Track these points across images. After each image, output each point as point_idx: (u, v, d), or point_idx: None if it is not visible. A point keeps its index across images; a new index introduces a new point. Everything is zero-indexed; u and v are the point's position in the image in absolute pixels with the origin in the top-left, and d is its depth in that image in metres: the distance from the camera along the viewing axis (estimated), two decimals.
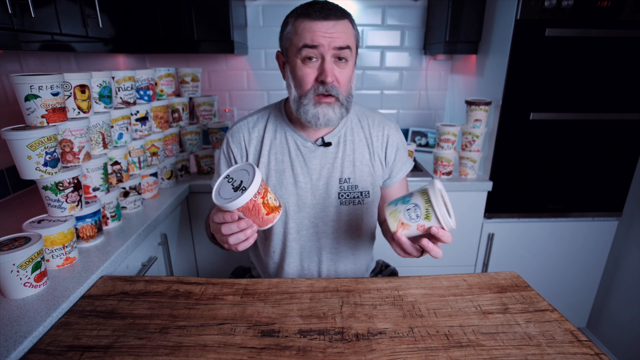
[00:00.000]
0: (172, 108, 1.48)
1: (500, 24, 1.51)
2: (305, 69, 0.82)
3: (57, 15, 1.07)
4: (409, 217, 0.70)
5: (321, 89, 0.82)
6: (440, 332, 0.67)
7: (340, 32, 0.80)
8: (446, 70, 2.09)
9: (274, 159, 0.94)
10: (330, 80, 0.81)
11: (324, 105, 0.83)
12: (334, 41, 0.80)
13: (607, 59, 1.43)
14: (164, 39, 1.62)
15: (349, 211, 0.95)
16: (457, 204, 1.61)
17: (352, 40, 0.83)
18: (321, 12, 0.80)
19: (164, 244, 1.29)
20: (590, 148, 1.55)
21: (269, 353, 0.61)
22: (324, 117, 0.84)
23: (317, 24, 0.80)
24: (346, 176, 0.94)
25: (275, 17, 1.94)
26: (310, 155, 0.93)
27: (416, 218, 0.70)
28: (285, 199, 0.94)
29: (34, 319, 0.68)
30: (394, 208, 0.72)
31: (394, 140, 0.98)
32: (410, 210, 0.70)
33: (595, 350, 0.63)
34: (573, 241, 1.68)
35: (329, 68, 0.80)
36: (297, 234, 0.97)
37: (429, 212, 0.68)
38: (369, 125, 0.97)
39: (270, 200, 0.72)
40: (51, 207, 0.89)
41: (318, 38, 0.79)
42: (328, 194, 0.94)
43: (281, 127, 0.95)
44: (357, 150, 0.95)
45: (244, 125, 0.97)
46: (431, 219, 0.69)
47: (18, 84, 0.81)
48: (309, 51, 0.81)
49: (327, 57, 0.81)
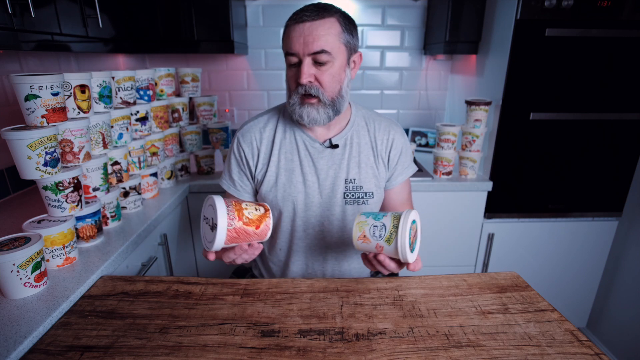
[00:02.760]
0: (172, 108, 1.48)
1: (500, 24, 1.51)
2: (289, 72, 0.89)
3: (57, 15, 1.07)
4: (372, 234, 0.72)
5: (300, 89, 0.86)
6: (440, 332, 0.67)
7: (315, 34, 0.81)
8: (446, 70, 2.09)
9: (284, 158, 0.96)
10: (305, 81, 0.84)
11: (307, 106, 0.88)
12: (307, 47, 0.82)
13: (607, 59, 1.43)
14: (163, 39, 1.62)
15: (354, 211, 0.97)
16: (457, 204, 1.61)
17: (333, 39, 0.83)
18: (300, 16, 0.83)
19: (164, 244, 1.29)
20: (590, 148, 1.55)
21: (269, 353, 0.61)
22: (307, 116, 0.88)
23: (293, 29, 0.83)
24: (352, 177, 0.96)
25: (275, 17, 1.94)
26: (318, 156, 0.96)
27: (378, 237, 0.72)
28: (294, 197, 0.96)
29: (34, 319, 0.68)
30: (364, 220, 0.74)
31: (398, 144, 1.00)
32: (376, 227, 0.72)
33: (595, 350, 0.63)
34: (573, 241, 1.68)
35: (303, 70, 0.84)
36: (303, 232, 0.99)
37: (391, 237, 0.70)
38: (374, 129, 0.99)
39: (251, 214, 0.72)
40: (51, 207, 0.89)
41: (294, 45, 0.83)
42: (334, 193, 0.96)
43: (290, 128, 0.97)
44: (363, 152, 0.97)
45: (255, 125, 0.99)
46: (391, 244, 0.71)
47: (18, 84, 0.81)
48: (290, 58, 0.86)
49: (304, 60, 0.84)
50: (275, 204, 0.97)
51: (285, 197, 0.96)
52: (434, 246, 1.66)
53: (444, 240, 1.66)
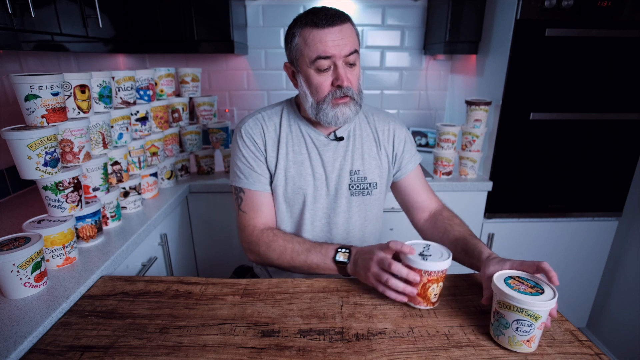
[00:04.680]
0: (172, 108, 1.48)
1: (500, 24, 1.51)
2: (320, 78, 0.87)
3: (57, 15, 1.07)
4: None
5: (338, 92, 0.87)
6: (440, 332, 0.67)
7: (347, 38, 0.84)
8: (446, 70, 2.09)
9: (291, 151, 0.97)
10: (346, 84, 0.87)
11: (341, 106, 0.89)
12: (343, 49, 0.84)
13: (607, 59, 1.43)
14: (164, 39, 1.62)
15: (359, 202, 0.99)
16: (457, 204, 1.60)
17: (357, 42, 0.88)
18: (327, 20, 0.83)
19: (164, 244, 1.29)
20: (590, 148, 1.55)
21: (269, 353, 0.61)
22: (342, 116, 0.89)
23: (326, 33, 0.83)
24: (356, 168, 0.98)
25: (275, 17, 1.94)
26: (324, 149, 0.97)
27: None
28: (304, 190, 0.97)
29: (34, 319, 0.68)
30: None
31: (400, 133, 1.03)
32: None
33: (595, 350, 0.63)
34: (573, 241, 1.68)
35: (342, 73, 0.85)
36: (311, 224, 0.99)
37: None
38: (374, 121, 1.02)
39: (431, 291, 0.71)
40: (51, 207, 0.89)
41: (329, 49, 0.83)
42: (340, 185, 0.98)
43: (295, 122, 0.98)
44: (366, 144, 1.00)
45: (258, 119, 0.98)
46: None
47: (18, 84, 0.81)
48: (323, 62, 0.85)
49: (339, 64, 0.85)
50: (286, 197, 0.97)
51: (295, 190, 0.96)
52: None
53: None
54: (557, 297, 0.60)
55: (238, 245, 0.98)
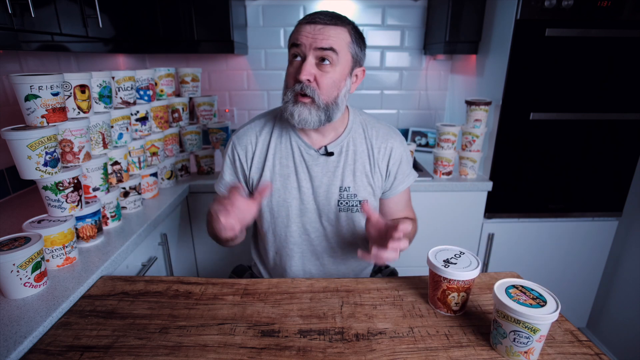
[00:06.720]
0: (172, 108, 1.48)
1: (500, 24, 1.51)
2: (289, 67, 0.87)
3: (57, 15, 1.07)
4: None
5: (297, 87, 0.84)
6: (440, 332, 0.67)
7: (325, 34, 0.82)
8: (446, 70, 2.09)
9: (278, 164, 0.95)
10: (305, 77, 0.82)
11: (300, 105, 0.85)
12: (316, 42, 0.82)
13: (607, 59, 1.43)
14: (164, 39, 1.62)
15: (347, 217, 0.97)
16: (457, 204, 1.61)
17: (341, 44, 0.83)
18: (312, 16, 0.83)
19: (164, 244, 1.29)
20: (590, 148, 1.55)
21: (269, 353, 0.62)
22: (298, 116, 0.85)
23: (305, 26, 0.83)
24: (346, 185, 0.95)
25: (275, 17, 1.94)
26: (313, 163, 0.94)
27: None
28: (288, 203, 0.95)
29: (34, 319, 0.68)
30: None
31: (397, 153, 0.98)
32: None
33: (595, 350, 0.63)
34: (573, 241, 1.68)
35: (305, 67, 0.82)
36: (299, 237, 0.98)
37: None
38: (372, 136, 0.97)
39: (451, 299, 0.71)
40: (51, 207, 0.89)
41: (301, 37, 0.83)
42: (328, 200, 0.95)
43: (286, 132, 0.96)
44: (358, 160, 0.96)
45: (251, 129, 0.98)
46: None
47: (18, 84, 0.81)
48: (294, 50, 0.84)
49: (308, 56, 0.83)
50: (270, 209, 0.97)
51: (279, 203, 0.95)
52: (433, 246, 1.65)
53: (443, 241, 1.65)
54: (559, 310, 0.59)
55: (238, 246, 0.98)
